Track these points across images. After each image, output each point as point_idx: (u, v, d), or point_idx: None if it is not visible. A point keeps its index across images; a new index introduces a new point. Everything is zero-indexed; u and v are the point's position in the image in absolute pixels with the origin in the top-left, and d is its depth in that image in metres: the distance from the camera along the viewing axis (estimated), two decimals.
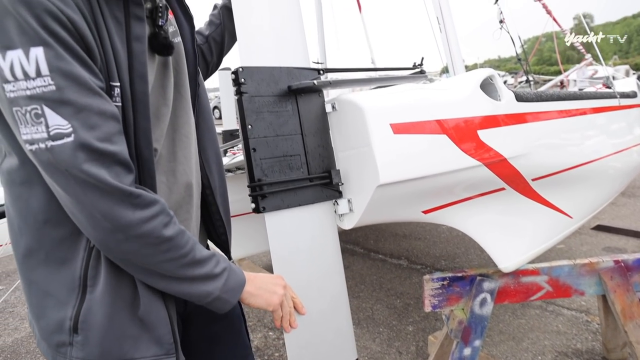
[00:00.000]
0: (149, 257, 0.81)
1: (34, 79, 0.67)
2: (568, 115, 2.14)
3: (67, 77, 0.68)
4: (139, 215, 0.77)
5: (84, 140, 0.70)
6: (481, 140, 1.57)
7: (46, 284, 0.83)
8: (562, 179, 2.11)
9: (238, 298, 0.94)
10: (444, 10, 3.59)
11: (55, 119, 0.68)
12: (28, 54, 0.66)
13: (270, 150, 1.14)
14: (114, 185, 0.73)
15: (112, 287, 0.83)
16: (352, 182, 1.29)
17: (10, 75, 0.67)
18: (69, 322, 0.82)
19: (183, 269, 0.84)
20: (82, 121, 0.70)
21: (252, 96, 1.12)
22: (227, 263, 0.93)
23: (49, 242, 0.81)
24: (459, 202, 1.69)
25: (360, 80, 1.41)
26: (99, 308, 0.82)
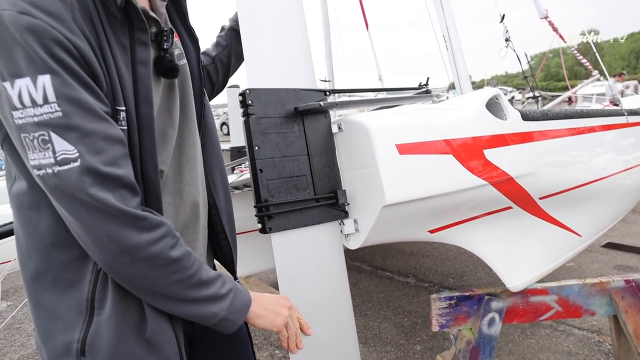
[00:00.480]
0: (156, 279, 0.82)
1: (41, 105, 0.69)
2: (575, 133, 2.14)
3: (73, 103, 0.70)
4: (145, 238, 0.78)
5: (90, 165, 0.71)
6: (487, 159, 1.57)
7: (54, 307, 0.84)
8: (571, 197, 2.10)
9: (244, 319, 0.94)
10: (450, 28, 3.62)
11: (62, 144, 0.70)
12: (36, 81, 0.68)
13: (276, 171, 1.15)
14: (120, 208, 0.74)
15: (119, 310, 0.84)
16: (358, 202, 1.29)
17: (18, 102, 0.69)
18: (77, 345, 0.82)
19: (189, 290, 0.85)
20: (88, 146, 0.71)
21: (259, 117, 1.14)
22: (233, 284, 0.93)
23: (56, 265, 0.82)
24: (465, 221, 1.68)
25: (367, 101, 1.43)
26: (106, 330, 0.82)
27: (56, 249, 0.82)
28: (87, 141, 0.71)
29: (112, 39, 0.79)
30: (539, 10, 4.87)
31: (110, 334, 0.82)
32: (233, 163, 3.13)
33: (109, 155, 0.74)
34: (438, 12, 3.69)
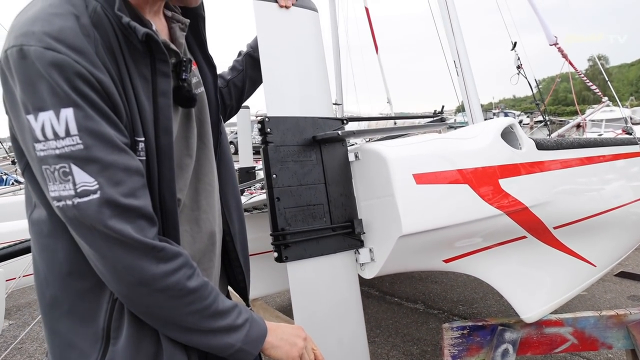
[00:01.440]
0: (173, 310, 0.81)
1: (63, 138, 0.70)
2: (589, 163, 2.13)
3: (94, 136, 0.71)
4: (163, 269, 0.78)
5: (109, 197, 0.72)
6: (503, 189, 1.56)
7: (70, 336, 0.83)
8: (585, 226, 2.08)
9: (260, 349, 0.92)
10: (461, 54, 3.66)
11: (82, 176, 0.71)
12: (59, 115, 0.69)
13: (294, 200, 1.16)
14: (138, 239, 0.74)
15: (135, 340, 0.83)
16: (374, 231, 1.29)
17: (41, 135, 0.70)
18: None
19: (206, 321, 0.84)
20: (108, 178, 0.72)
21: (278, 146, 1.15)
22: (249, 314, 0.92)
23: (73, 294, 0.82)
24: (480, 250, 1.67)
25: (384, 129, 1.44)
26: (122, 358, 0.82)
27: (73, 277, 0.82)
28: (106, 173, 0.72)
29: (133, 70, 0.81)
30: (548, 37, 4.91)
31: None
32: (243, 185, 3.15)
33: (128, 187, 0.74)
34: (449, 38, 3.74)
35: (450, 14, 3.46)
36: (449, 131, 2.22)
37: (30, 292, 4.31)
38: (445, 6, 3.67)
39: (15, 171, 5.49)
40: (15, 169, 5.47)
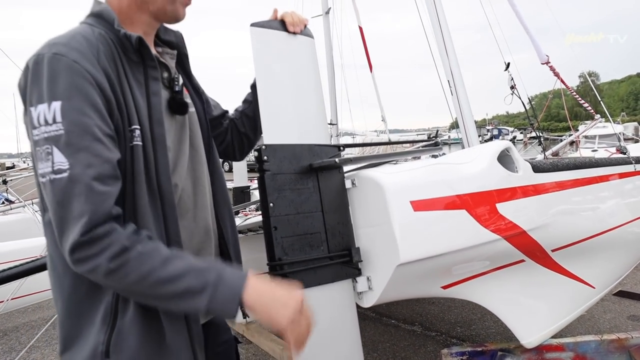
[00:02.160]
0: (116, 284, 0.87)
1: (51, 124, 0.84)
2: (585, 184, 2.13)
3: (74, 125, 0.84)
4: (99, 261, 0.83)
5: (75, 176, 0.83)
6: (500, 213, 1.55)
7: (86, 315, 0.93)
8: (583, 248, 2.06)
9: (234, 310, 0.90)
10: (455, 74, 3.69)
11: (59, 157, 0.83)
12: (50, 105, 0.84)
13: (291, 228, 1.13)
14: (89, 225, 0.82)
15: (140, 315, 0.93)
16: (372, 259, 1.27)
17: (37, 122, 0.84)
18: (102, 346, 0.91)
19: (152, 288, 0.86)
20: (79, 160, 0.83)
21: (275, 174, 1.13)
22: (216, 274, 0.89)
23: (87, 279, 0.90)
24: (478, 276, 1.65)
25: (381, 156, 1.42)
26: (128, 333, 0.91)
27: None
28: (79, 156, 0.83)
29: (130, 76, 0.97)
30: (540, 56, 4.97)
31: (132, 336, 0.92)
32: (237, 207, 3.12)
33: (96, 171, 0.84)
34: (443, 58, 3.77)
35: (444, 36, 3.49)
36: (444, 148, 2.22)
37: (18, 316, 4.22)
38: (439, 27, 3.71)
39: (7, 190, 5.42)
40: (6, 188, 5.40)
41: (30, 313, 4.30)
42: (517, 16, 4.91)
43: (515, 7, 4.87)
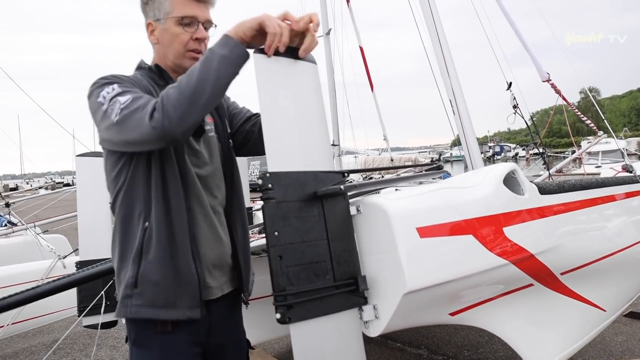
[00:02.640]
0: (179, 94, 1.15)
1: (110, 92, 1.23)
2: (593, 204, 2.10)
3: (124, 86, 1.26)
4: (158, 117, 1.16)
5: (136, 97, 1.21)
6: (507, 237, 1.52)
7: (126, 259, 1.32)
8: (592, 270, 2.03)
9: (233, 39, 1.18)
10: (457, 94, 3.69)
11: (123, 99, 1.20)
12: (110, 86, 1.25)
13: (296, 257, 1.11)
14: (150, 112, 1.17)
15: (160, 256, 1.28)
16: (378, 287, 1.24)
17: (102, 98, 1.23)
18: (132, 279, 1.28)
19: (194, 78, 1.16)
20: (134, 92, 1.23)
21: (279, 202, 1.11)
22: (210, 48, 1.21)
23: (128, 228, 1.33)
24: (486, 301, 1.62)
25: (385, 181, 1.41)
26: (151, 269, 1.28)
27: (127, 217, 1.33)
28: (135, 94, 1.22)
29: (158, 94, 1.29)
30: (540, 74, 4.98)
31: (153, 272, 1.27)
32: None
33: (145, 99, 1.21)
34: (444, 77, 3.78)
35: (445, 56, 3.51)
36: (446, 166, 2.20)
37: (18, 341, 4.16)
38: (439, 46, 3.73)
39: (9, 213, 5.41)
40: (8, 211, 5.39)
41: (30, 338, 4.24)
42: (517, 34, 4.94)
43: (515, 26, 4.91)
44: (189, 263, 1.30)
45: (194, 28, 1.39)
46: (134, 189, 1.33)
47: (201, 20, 1.40)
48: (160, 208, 1.30)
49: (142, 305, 1.28)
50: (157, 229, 1.29)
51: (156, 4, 1.39)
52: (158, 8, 1.39)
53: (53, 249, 4.21)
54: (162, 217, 1.30)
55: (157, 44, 1.43)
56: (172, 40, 1.39)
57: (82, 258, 2.78)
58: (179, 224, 1.31)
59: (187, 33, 1.38)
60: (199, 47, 1.41)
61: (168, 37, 1.39)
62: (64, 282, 2.01)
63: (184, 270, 1.30)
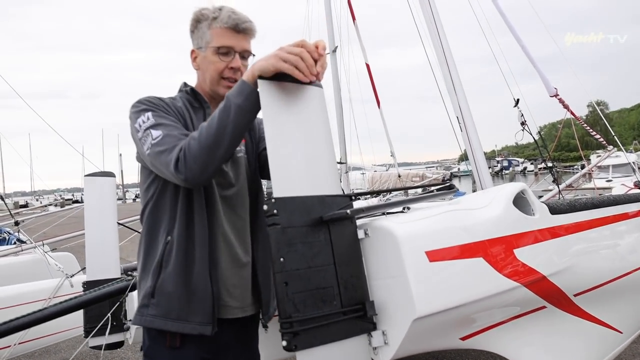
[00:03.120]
0: (199, 145, 1.25)
1: (146, 121, 1.36)
2: (606, 223, 2.06)
3: (159, 117, 1.38)
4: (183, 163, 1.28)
5: (167, 135, 1.33)
6: (518, 259, 1.50)
7: (147, 269, 1.41)
8: (607, 291, 1.98)
9: (249, 86, 1.21)
10: (464, 111, 3.68)
11: (155, 133, 1.33)
12: (145, 115, 1.38)
13: (302, 284, 1.09)
14: (176, 156, 1.28)
15: (178, 269, 1.36)
16: (387, 313, 1.22)
17: (138, 126, 1.38)
18: (150, 289, 1.37)
19: (213, 128, 1.25)
20: (166, 130, 1.33)
21: (285, 228, 1.10)
22: (225, 95, 1.28)
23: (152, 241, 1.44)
24: (497, 325, 1.58)
25: (393, 204, 1.39)
26: (168, 282, 1.36)
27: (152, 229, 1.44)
28: (166, 128, 1.34)
29: (193, 116, 1.52)
30: (548, 89, 4.97)
31: (170, 285, 1.36)
32: None
33: (173, 139, 1.31)
34: (450, 95, 3.78)
35: (451, 73, 3.52)
36: (454, 180, 2.18)
37: None
38: (446, 64, 3.74)
39: (18, 232, 5.45)
40: (17, 229, 5.43)
41: (37, 357, 4.23)
42: (524, 51, 4.95)
43: (521, 42, 4.92)
44: (205, 279, 1.37)
45: (230, 57, 1.48)
46: (161, 204, 1.44)
47: (238, 50, 1.49)
48: (183, 224, 1.39)
49: (157, 316, 1.36)
50: (178, 243, 1.38)
51: (200, 34, 1.52)
52: (201, 37, 1.51)
53: (61, 267, 4.22)
54: (183, 232, 1.39)
55: (198, 70, 1.56)
56: (209, 67, 1.50)
57: (89, 278, 2.78)
58: (198, 240, 1.39)
59: (223, 62, 1.48)
60: (234, 75, 1.50)
61: (206, 65, 1.51)
62: (71, 304, 2.01)
63: (199, 286, 1.36)
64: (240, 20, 1.49)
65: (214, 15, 1.49)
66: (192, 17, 1.55)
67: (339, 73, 7.71)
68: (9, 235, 6.63)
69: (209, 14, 1.50)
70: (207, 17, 1.50)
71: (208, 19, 1.50)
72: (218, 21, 1.48)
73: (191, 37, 1.56)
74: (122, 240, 4.36)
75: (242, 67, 1.51)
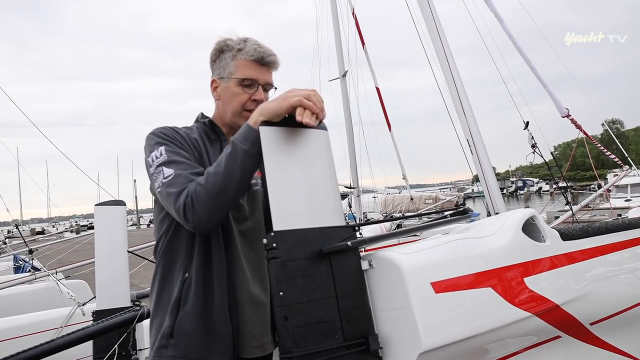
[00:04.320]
0: (206, 193, 1.23)
1: (159, 157, 1.35)
2: (621, 248, 2.00)
3: (172, 153, 1.36)
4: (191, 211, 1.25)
5: (178, 174, 1.30)
6: (529, 288, 1.45)
7: (164, 303, 1.37)
8: (625, 319, 1.91)
9: (256, 131, 1.20)
10: (474, 133, 3.66)
11: (167, 171, 1.31)
12: (158, 149, 1.37)
13: (302, 318, 1.07)
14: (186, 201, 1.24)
15: (197, 308, 1.32)
16: (393, 346, 1.18)
17: (151, 160, 1.37)
18: (168, 329, 1.32)
19: (220, 175, 1.22)
20: (178, 168, 1.31)
21: (284, 261, 1.09)
22: (232, 138, 1.27)
23: (166, 278, 1.40)
24: (509, 356, 1.52)
25: (397, 233, 1.37)
26: (187, 321, 1.32)
27: (168, 266, 1.41)
28: (177, 166, 1.32)
29: (209, 147, 1.50)
30: (560, 109, 4.93)
31: (190, 324, 1.31)
32: None
33: (183, 179, 1.29)
34: (460, 117, 3.76)
35: (460, 96, 3.51)
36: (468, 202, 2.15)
37: None
38: (455, 88, 3.74)
39: (33, 259, 5.51)
40: (32, 257, 5.50)
41: None
42: (534, 72, 4.94)
43: (530, 63, 4.91)
44: (225, 318, 1.33)
45: (254, 90, 1.47)
46: (177, 238, 1.41)
47: (261, 82, 1.48)
48: (201, 260, 1.36)
49: (176, 357, 1.32)
50: (196, 281, 1.34)
51: (222, 64, 1.50)
52: (224, 67, 1.49)
53: (73, 295, 4.23)
54: (201, 269, 1.35)
55: (218, 100, 1.54)
56: (231, 98, 1.49)
57: (99, 307, 2.78)
58: (217, 277, 1.35)
59: (246, 94, 1.47)
60: (255, 107, 1.43)
61: (228, 96, 1.49)
62: (79, 335, 2.01)
63: (219, 325, 1.33)
64: (265, 53, 1.48)
65: (239, 47, 1.48)
66: (215, 46, 1.52)
67: (349, 97, 7.77)
68: (24, 263, 6.71)
69: (234, 45, 1.49)
70: (232, 48, 1.49)
71: (233, 50, 1.48)
72: (243, 53, 1.47)
73: (212, 66, 1.54)
74: (135, 267, 4.37)
75: (265, 99, 1.49)
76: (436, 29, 3.78)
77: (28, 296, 4.97)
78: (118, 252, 2.80)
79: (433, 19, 3.66)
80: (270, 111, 1.18)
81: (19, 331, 3.56)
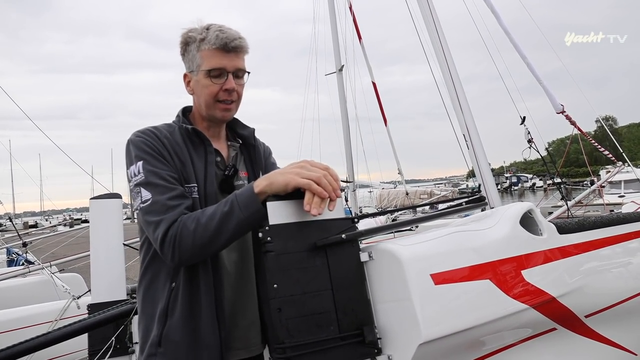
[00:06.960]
0: (192, 241, 1.21)
1: (137, 175, 1.30)
2: (616, 242, 2.02)
3: (151, 173, 1.30)
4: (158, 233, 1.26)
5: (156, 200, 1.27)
6: (527, 280, 1.46)
7: (150, 313, 1.35)
8: (620, 311, 1.93)
9: (258, 202, 1.17)
10: (470, 129, 3.67)
11: (145, 193, 1.28)
12: (136, 164, 1.31)
13: (296, 309, 1.08)
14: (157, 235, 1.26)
15: (184, 317, 1.31)
16: (393, 337, 1.19)
17: (131, 176, 1.32)
18: (157, 338, 1.31)
19: (209, 228, 1.19)
20: (156, 192, 1.27)
21: (279, 254, 1.09)
22: (233, 196, 1.23)
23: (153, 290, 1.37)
24: (506, 348, 1.54)
25: (395, 225, 1.38)
26: (174, 330, 1.30)
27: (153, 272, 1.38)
28: (154, 190, 1.28)
29: (193, 152, 1.43)
30: (555, 106, 4.95)
31: (177, 333, 1.29)
32: None
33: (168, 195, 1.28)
34: (457, 113, 3.77)
35: (457, 93, 3.51)
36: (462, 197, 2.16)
37: None
38: (452, 84, 3.74)
39: (26, 252, 5.47)
40: (25, 250, 5.46)
41: None
42: (529, 68, 4.95)
43: (527, 59, 4.93)
44: (212, 326, 1.31)
45: (223, 79, 1.39)
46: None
47: (230, 70, 1.39)
48: (188, 269, 1.32)
49: None
50: (183, 291, 1.32)
51: (190, 57, 1.43)
52: (191, 60, 1.43)
53: (68, 289, 4.21)
54: (187, 278, 1.32)
55: (193, 94, 1.49)
56: (203, 91, 1.42)
57: (94, 300, 2.76)
58: (204, 286, 1.32)
59: (216, 85, 1.39)
60: (229, 97, 1.42)
61: (200, 89, 1.43)
62: (74, 328, 1.99)
63: (206, 333, 1.30)
64: (229, 38, 1.38)
65: (202, 37, 1.39)
66: (180, 40, 1.45)
67: (345, 92, 7.76)
68: (18, 256, 6.66)
69: (196, 35, 1.41)
70: (194, 39, 1.41)
71: (196, 40, 1.41)
72: (206, 42, 1.39)
73: (183, 60, 1.47)
74: (130, 260, 4.36)
75: (237, 87, 1.42)
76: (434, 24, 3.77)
77: (22, 289, 4.93)
78: (113, 245, 2.77)
79: (431, 14, 3.65)
80: (278, 187, 1.16)
81: (13, 324, 3.54)
